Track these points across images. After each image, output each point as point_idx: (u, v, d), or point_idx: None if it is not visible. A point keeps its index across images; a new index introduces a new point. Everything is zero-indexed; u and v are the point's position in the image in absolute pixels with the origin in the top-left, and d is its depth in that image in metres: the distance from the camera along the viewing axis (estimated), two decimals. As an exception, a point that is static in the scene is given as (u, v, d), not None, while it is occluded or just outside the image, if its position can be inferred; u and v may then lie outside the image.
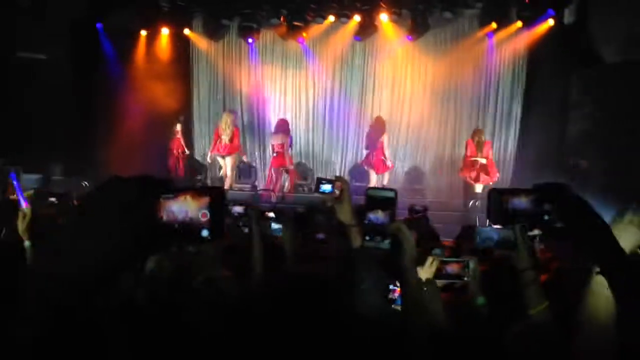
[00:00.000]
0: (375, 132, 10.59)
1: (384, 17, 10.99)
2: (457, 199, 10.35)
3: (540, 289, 1.92)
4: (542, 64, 10.49)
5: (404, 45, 11.43)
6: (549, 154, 9.55)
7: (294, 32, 11.41)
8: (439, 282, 2.39)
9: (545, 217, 1.47)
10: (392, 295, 2.43)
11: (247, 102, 12.44)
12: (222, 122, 10.55)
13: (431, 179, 11.58)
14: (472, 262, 2.54)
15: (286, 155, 10.71)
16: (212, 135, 12.09)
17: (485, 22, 10.81)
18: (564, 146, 9.51)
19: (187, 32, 11.92)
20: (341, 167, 12.10)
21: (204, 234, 0.99)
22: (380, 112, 11.42)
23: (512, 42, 10.90)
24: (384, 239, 1.74)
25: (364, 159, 10.89)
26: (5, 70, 9.89)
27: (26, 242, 2.49)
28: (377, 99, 11.89)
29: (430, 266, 2.30)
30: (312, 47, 11.90)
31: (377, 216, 1.76)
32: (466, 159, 9.99)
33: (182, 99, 11.87)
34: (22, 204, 2.87)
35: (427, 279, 2.35)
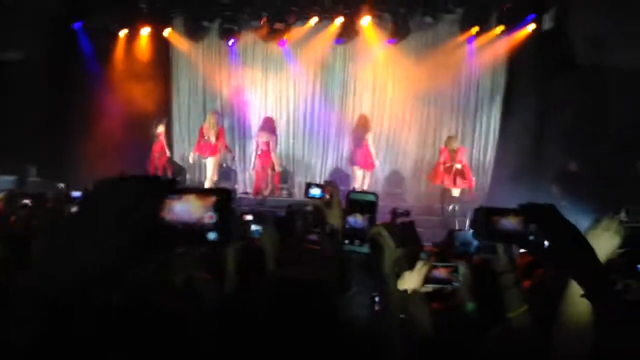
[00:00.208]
0: (360, 130, 10.63)
1: (366, 21, 11.01)
2: (436, 203, 10.40)
3: (520, 292, 1.90)
4: (521, 69, 10.61)
5: (385, 48, 11.46)
6: (528, 159, 9.66)
7: (275, 34, 11.38)
8: (428, 287, 2.36)
9: (530, 237, 1.47)
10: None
11: (227, 105, 12.37)
12: (207, 122, 10.52)
13: (411, 184, 11.63)
14: (462, 267, 2.52)
15: (272, 154, 10.70)
16: (191, 137, 12.05)
17: (465, 27, 10.90)
18: (543, 151, 9.62)
19: (167, 33, 11.80)
20: (321, 170, 12.08)
21: (211, 236, 0.94)
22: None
23: (492, 48, 11.00)
24: (363, 243, 1.70)
25: (350, 160, 10.91)
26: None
27: None
28: (358, 103, 11.90)
29: (420, 270, 2.27)
30: (293, 50, 11.87)
31: (356, 219, 1.73)
32: (438, 166, 10.12)
33: (161, 100, 11.76)
34: None
35: (412, 290, 2.32)
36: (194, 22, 11.63)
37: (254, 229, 3.72)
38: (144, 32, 11.60)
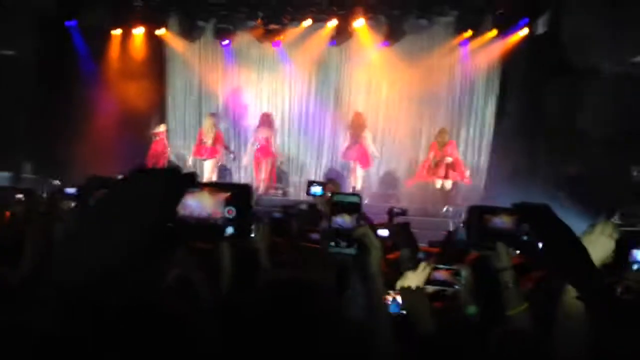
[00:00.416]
0: (356, 127, 10.66)
1: (360, 22, 11.03)
2: (431, 204, 10.42)
3: (519, 290, 1.89)
4: (515, 73, 10.67)
5: (379, 50, 11.47)
6: (522, 161, 9.70)
7: (270, 35, 11.38)
8: (429, 289, 2.37)
9: (524, 237, 1.46)
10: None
11: (222, 104, 12.36)
12: (204, 125, 10.55)
13: (405, 185, 11.64)
14: (464, 270, 2.52)
15: (272, 149, 10.85)
16: (185, 136, 12.07)
17: (460, 30, 10.92)
18: (536, 153, 9.68)
19: (161, 33, 11.76)
20: (316, 170, 12.08)
21: (229, 231, 0.94)
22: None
23: (487, 51, 11.04)
24: (350, 245, 1.69)
25: (345, 155, 10.91)
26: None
27: None
28: (352, 104, 11.89)
29: (422, 271, 2.28)
30: (288, 51, 11.87)
31: (344, 220, 1.71)
32: (426, 162, 10.34)
33: (155, 99, 11.73)
34: None
35: (413, 286, 2.33)
36: (189, 21, 11.60)
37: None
38: (139, 31, 11.56)
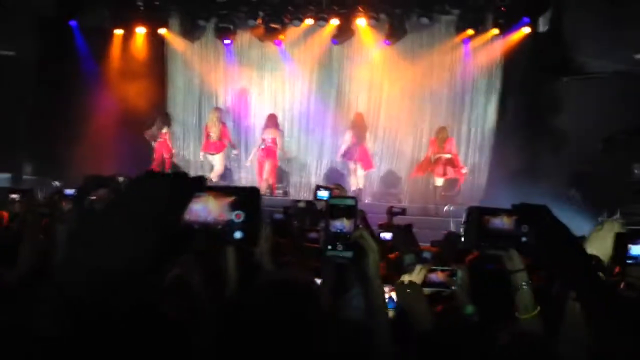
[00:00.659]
0: (358, 128, 10.67)
1: (362, 21, 11.01)
2: (432, 203, 10.42)
3: (532, 294, 1.84)
4: (516, 71, 10.66)
5: (381, 49, 11.46)
6: (523, 161, 9.69)
7: (271, 34, 11.35)
8: (426, 290, 2.37)
9: (522, 238, 1.44)
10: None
11: (223, 104, 12.34)
12: (210, 120, 10.60)
13: (406, 184, 11.64)
14: (461, 271, 2.52)
15: (278, 151, 10.93)
16: (186, 135, 12.12)
17: (461, 29, 10.91)
18: (538, 152, 9.66)
19: (163, 32, 11.74)
20: (317, 170, 12.07)
21: (237, 235, 0.93)
22: (357, 114, 11.46)
23: (488, 49, 11.04)
24: (347, 249, 1.66)
25: (346, 155, 10.87)
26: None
27: None
28: (354, 103, 11.89)
29: (418, 274, 2.28)
30: (289, 50, 11.86)
31: (343, 224, 1.68)
32: (425, 159, 10.38)
33: (156, 99, 11.71)
34: None
35: (409, 282, 2.33)
36: (189, 21, 11.59)
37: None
38: (140, 30, 11.55)
